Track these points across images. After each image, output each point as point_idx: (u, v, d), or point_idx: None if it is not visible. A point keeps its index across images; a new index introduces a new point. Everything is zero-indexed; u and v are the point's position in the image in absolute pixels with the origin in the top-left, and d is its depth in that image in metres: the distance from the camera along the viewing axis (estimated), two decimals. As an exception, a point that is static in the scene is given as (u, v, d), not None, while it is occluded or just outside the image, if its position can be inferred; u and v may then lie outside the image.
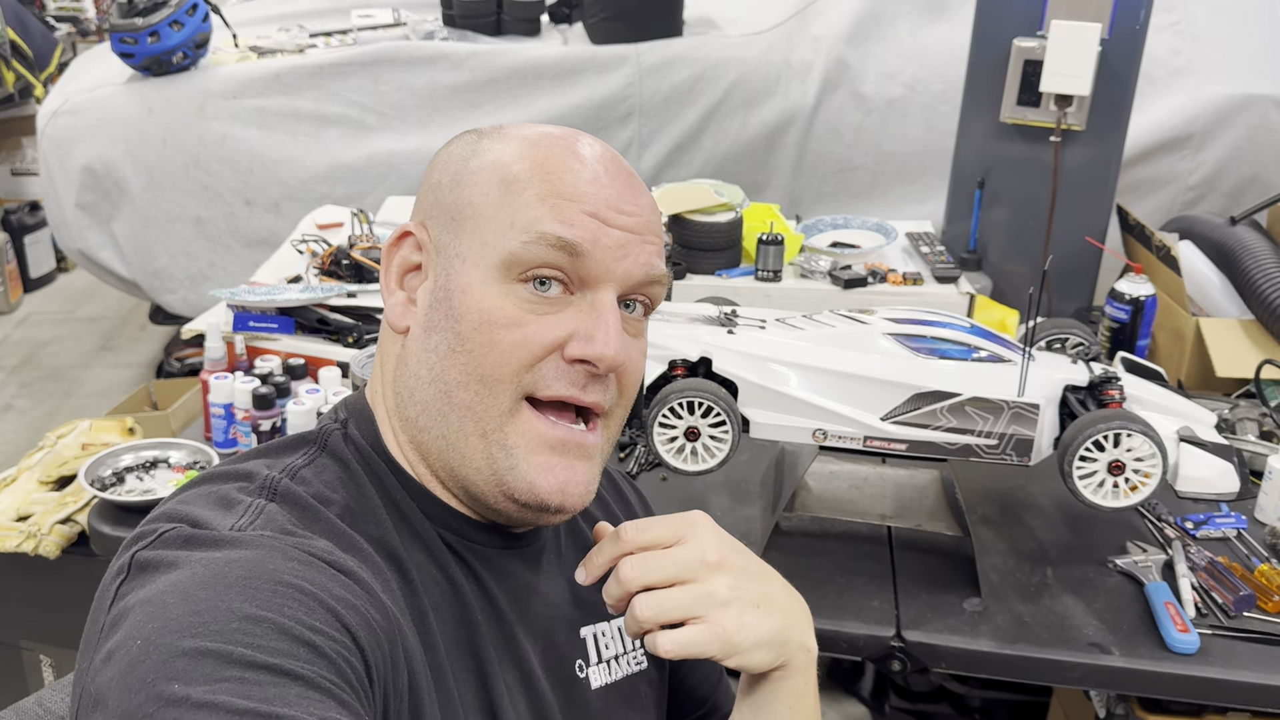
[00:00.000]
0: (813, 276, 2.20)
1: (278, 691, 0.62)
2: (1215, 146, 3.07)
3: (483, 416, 0.78)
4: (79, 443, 1.87)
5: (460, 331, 0.78)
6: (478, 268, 0.79)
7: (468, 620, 0.81)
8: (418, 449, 0.82)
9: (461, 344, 0.78)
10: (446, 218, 0.82)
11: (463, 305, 0.79)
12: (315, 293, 1.94)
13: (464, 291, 0.79)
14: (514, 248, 0.78)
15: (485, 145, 0.83)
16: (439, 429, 0.80)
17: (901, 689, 2.34)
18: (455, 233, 0.81)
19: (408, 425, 0.82)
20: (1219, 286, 2.21)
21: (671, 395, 1.39)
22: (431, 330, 0.80)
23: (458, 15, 3.34)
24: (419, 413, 0.81)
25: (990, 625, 1.44)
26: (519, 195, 0.79)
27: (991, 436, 1.40)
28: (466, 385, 0.78)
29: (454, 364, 0.79)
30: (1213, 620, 1.43)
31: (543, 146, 0.81)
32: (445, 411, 0.79)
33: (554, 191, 0.79)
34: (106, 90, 3.16)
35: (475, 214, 0.80)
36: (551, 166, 0.80)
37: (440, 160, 0.86)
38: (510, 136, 0.83)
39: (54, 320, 4.47)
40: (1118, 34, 2.16)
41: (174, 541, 0.71)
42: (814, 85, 3.18)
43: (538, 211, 0.78)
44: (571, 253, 0.78)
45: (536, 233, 0.77)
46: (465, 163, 0.83)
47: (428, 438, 0.81)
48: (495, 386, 0.78)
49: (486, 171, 0.81)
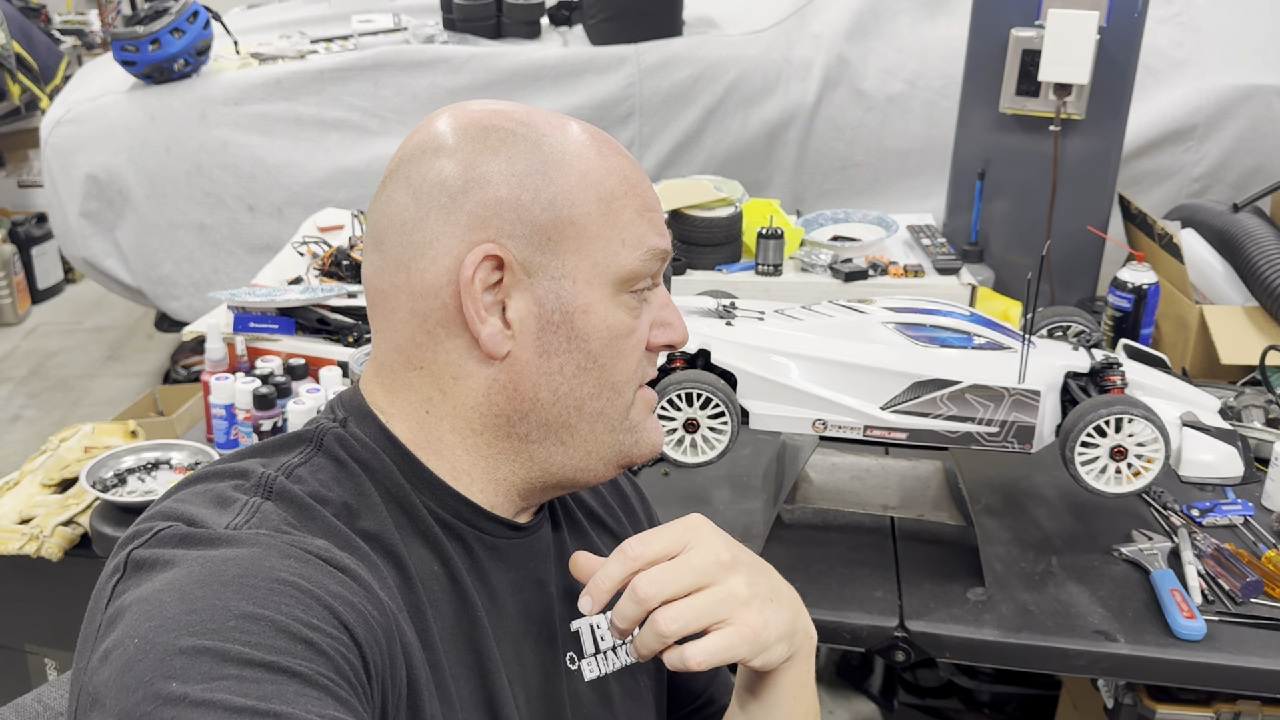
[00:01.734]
0: (813, 270, 2.20)
1: (275, 689, 0.61)
2: (1219, 138, 3.06)
3: (612, 416, 0.84)
4: (81, 446, 1.88)
5: (590, 350, 0.81)
6: (592, 286, 0.80)
7: (468, 615, 0.81)
8: (512, 458, 0.83)
9: (593, 361, 0.81)
10: (539, 237, 0.79)
11: (587, 325, 0.80)
12: (315, 293, 1.94)
13: (585, 312, 0.80)
14: (633, 265, 0.81)
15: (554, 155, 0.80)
16: (558, 438, 0.83)
17: (910, 685, 2.33)
18: (553, 253, 0.79)
19: (505, 441, 0.82)
20: (1222, 274, 2.20)
21: (670, 387, 1.39)
22: (550, 354, 0.80)
23: (458, 19, 3.35)
24: (532, 429, 0.82)
25: (994, 614, 1.43)
26: (620, 212, 0.81)
27: (992, 424, 1.39)
28: (599, 395, 0.82)
29: (586, 380, 0.81)
30: (1219, 607, 1.42)
31: (610, 156, 0.83)
32: (573, 423, 0.82)
33: (644, 205, 0.83)
34: (109, 99, 3.17)
35: (579, 233, 0.79)
36: (630, 178, 0.83)
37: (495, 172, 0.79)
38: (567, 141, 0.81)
39: (62, 331, 4.48)
40: (1115, 22, 2.15)
41: (170, 540, 0.71)
42: (814, 83, 3.18)
43: (641, 227, 0.82)
44: (665, 259, 0.84)
45: (648, 249, 0.82)
46: (544, 177, 0.79)
47: (538, 449, 0.83)
48: (623, 389, 0.84)
49: (579, 188, 0.80)
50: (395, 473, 0.81)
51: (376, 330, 0.84)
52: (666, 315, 0.86)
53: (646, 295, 0.85)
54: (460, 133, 0.81)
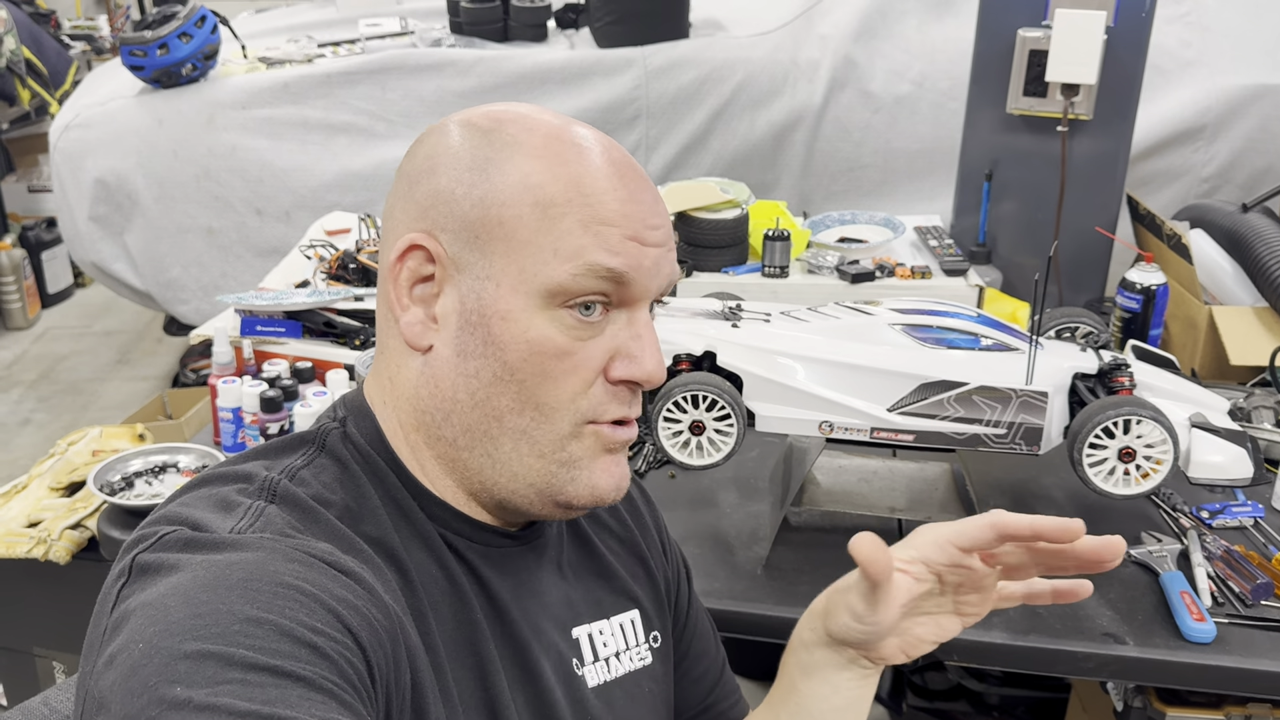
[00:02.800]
0: (820, 272, 2.19)
1: (280, 693, 0.62)
2: (1229, 138, 3.05)
3: (539, 440, 0.79)
4: (89, 449, 1.88)
5: (507, 361, 0.77)
6: (516, 294, 0.76)
7: (468, 619, 0.81)
8: (447, 464, 0.82)
9: (510, 373, 0.77)
10: (468, 233, 0.77)
11: (505, 333, 0.77)
12: (322, 296, 1.94)
13: (504, 319, 0.77)
14: (561, 279, 0.76)
15: (501, 152, 0.78)
16: (484, 449, 0.80)
17: (919, 688, 2.32)
18: (481, 252, 0.77)
19: (437, 442, 0.81)
20: (1231, 274, 2.19)
21: (675, 389, 1.38)
22: (467, 355, 0.78)
23: (465, 22, 3.35)
24: (457, 434, 0.80)
25: (1002, 617, 1.42)
26: (558, 221, 0.76)
27: (1000, 426, 1.38)
28: (520, 412, 0.78)
29: (503, 391, 0.78)
30: (1230, 609, 1.41)
31: (570, 161, 0.78)
32: (495, 435, 0.79)
33: (595, 217, 0.76)
34: (117, 103, 3.18)
35: (508, 235, 0.76)
36: (588, 187, 0.77)
37: (441, 161, 0.80)
38: (525, 142, 0.78)
39: (72, 335, 4.50)
40: (1123, 21, 2.15)
41: (174, 544, 0.71)
42: (821, 84, 3.18)
43: (582, 240, 0.76)
44: (618, 281, 0.77)
45: (584, 264, 0.76)
46: (483, 173, 0.78)
47: (468, 456, 0.80)
48: (553, 414, 0.78)
49: (515, 189, 0.77)
50: (391, 476, 0.82)
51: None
52: (634, 348, 0.79)
53: (606, 315, 0.79)
54: (438, 125, 0.83)
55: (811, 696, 0.91)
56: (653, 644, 0.96)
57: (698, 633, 1.06)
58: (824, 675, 0.91)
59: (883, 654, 0.89)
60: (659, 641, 0.96)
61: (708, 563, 1.52)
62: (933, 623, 0.89)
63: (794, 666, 0.93)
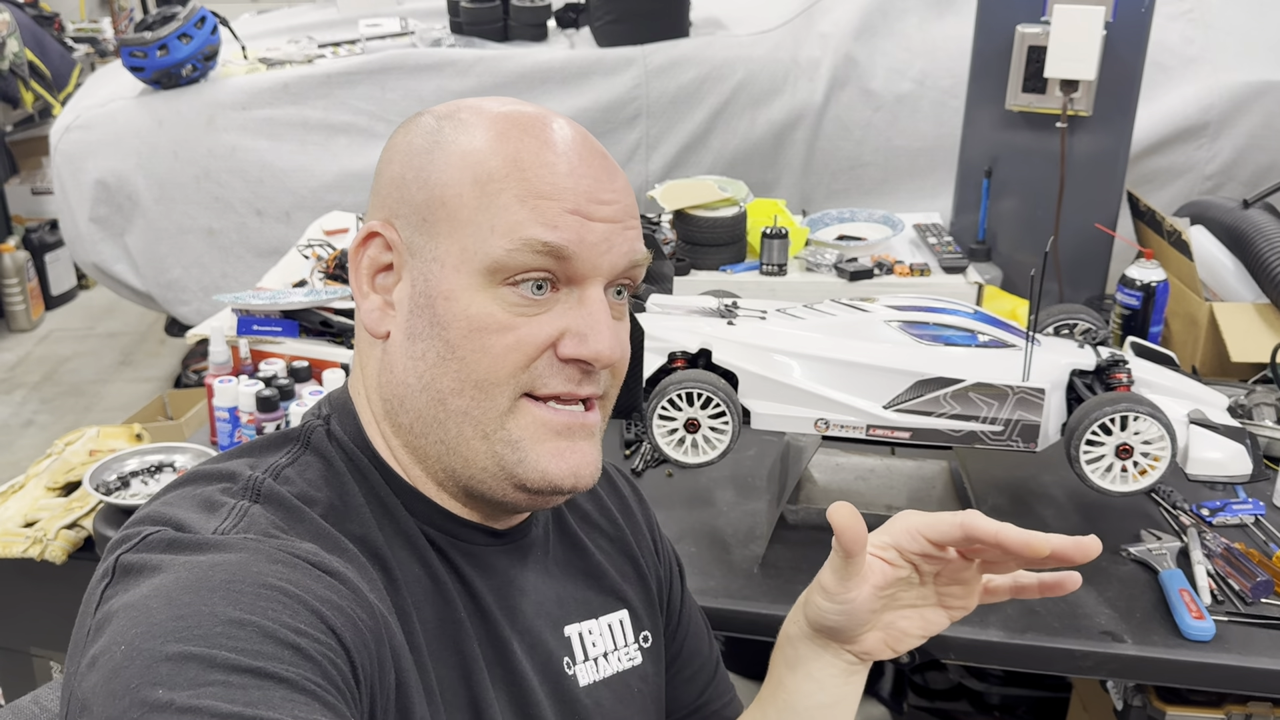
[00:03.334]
0: (818, 270, 2.19)
1: (262, 695, 0.61)
2: (1232, 135, 3.03)
3: (481, 420, 0.77)
4: (86, 449, 1.88)
5: (449, 339, 0.76)
6: (459, 273, 0.76)
7: (451, 618, 0.80)
8: (413, 453, 0.81)
9: (452, 352, 0.77)
10: (416, 217, 0.78)
11: (448, 313, 0.76)
12: (318, 296, 1.94)
13: (448, 299, 0.76)
14: (498, 254, 0.75)
15: (448, 135, 0.79)
16: (436, 435, 0.79)
17: (920, 687, 2.31)
18: (429, 234, 0.77)
19: (400, 431, 0.81)
20: (1232, 271, 2.18)
21: (670, 387, 1.38)
22: (416, 338, 0.78)
23: (464, 22, 3.35)
24: (413, 420, 0.79)
25: (1000, 615, 1.42)
26: (496, 197, 0.75)
27: (996, 423, 1.38)
28: (461, 392, 0.77)
29: (445, 371, 0.77)
30: (1229, 607, 1.40)
31: (512, 137, 0.77)
32: (441, 419, 0.78)
33: (533, 191, 0.75)
34: (118, 104, 3.19)
35: (450, 215, 0.76)
36: (526, 161, 0.76)
37: (398, 150, 0.81)
38: (473, 123, 0.79)
39: (75, 337, 4.51)
40: (1122, 17, 2.14)
41: (158, 545, 0.71)
42: (822, 82, 3.17)
43: (519, 214, 0.75)
44: (558, 256, 0.76)
45: (520, 239, 0.75)
46: (429, 155, 0.79)
47: (425, 443, 0.80)
48: (491, 390, 0.77)
49: (456, 168, 0.77)
50: (375, 473, 0.81)
51: None
52: (583, 325, 0.77)
53: (554, 293, 0.77)
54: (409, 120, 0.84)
55: (797, 693, 0.91)
56: (643, 644, 0.95)
57: (690, 632, 1.05)
58: (808, 670, 0.90)
59: (865, 647, 0.88)
60: (649, 642, 0.96)
61: (704, 561, 1.52)
62: (917, 616, 0.88)
63: (780, 662, 0.93)
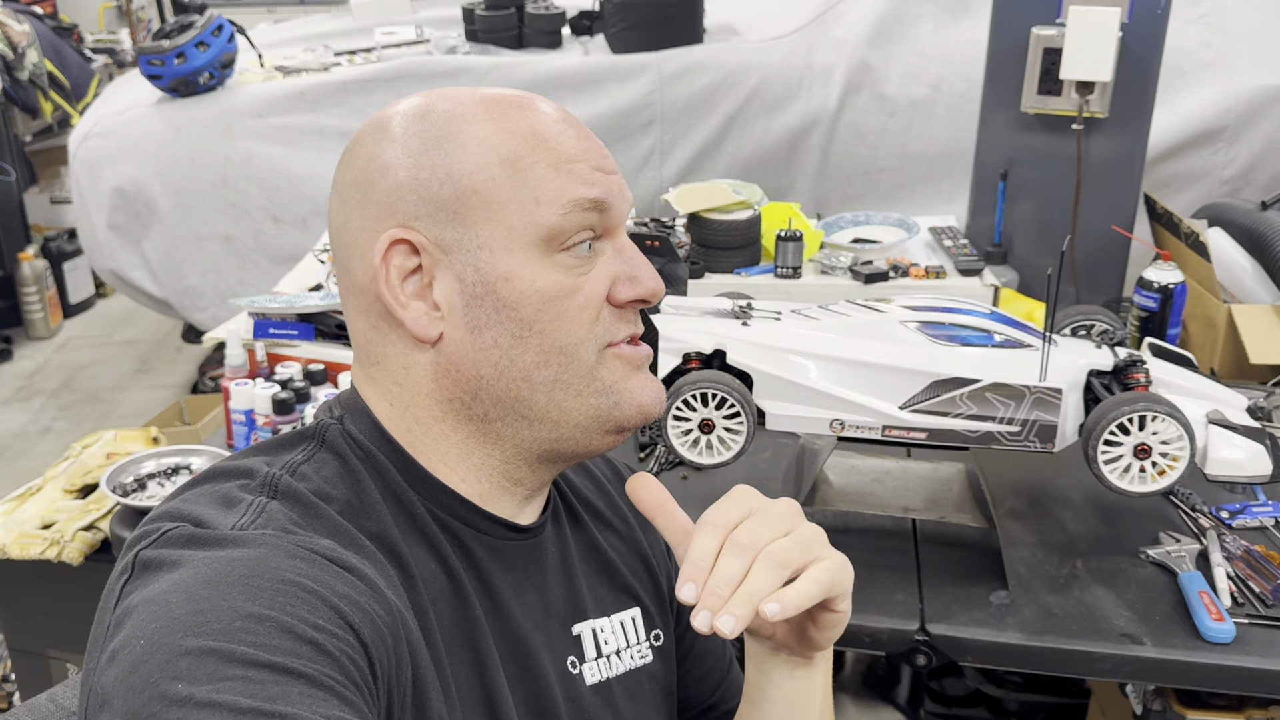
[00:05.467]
0: (833, 273, 2.18)
1: (281, 690, 0.61)
2: (1249, 139, 3.02)
3: (570, 381, 0.80)
4: (103, 452, 1.89)
5: (522, 318, 0.78)
6: (511, 252, 0.77)
7: (467, 615, 0.80)
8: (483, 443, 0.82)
9: (528, 329, 0.78)
10: (445, 213, 0.78)
11: (512, 293, 0.77)
12: (334, 299, 1.95)
13: (508, 280, 0.77)
14: (553, 221, 0.78)
15: (449, 128, 0.79)
16: (518, 412, 0.80)
17: (936, 694, 2.30)
18: (463, 225, 0.78)
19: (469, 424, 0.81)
20: (1251, 273, 2.16)
21: (685, 387, 1.38)
22: (480, 329, 0.78)
23: (480, 30, 3.36)
24: (489, 408, 0.80)
25: (1018, 618, 1.41)
26: (529, 171, 0.78)
27: (1014, 423, 1.37)
28: (546, 363, 0.79)
29: (525, 350, 0.79)
30: (1249, 609, 1.39)
31: (515, 115, 0.80)
32: (527, 396, 0.80)
33: (562, 157, 0.79)
34: (136, 112, 3.21)
35: (485, 201, 0.77)
36: (543, 133, 0.79)
37: (389, 158, 0.79)
38: (466, 113, 0.79)
39: (92, 344, 4.54)
40: (1138, 18, 2.13)
41: (176, 541, 0.71)
42: (836, 88, 3.17)
43: (558, 181, 0.78)
44: (600, 209, 0.79)
45: (569, 201, 0.78)
46: (440, 152, 0.78)
47: (502, 427, 0.81)
48: (575, 351, 0.80)
49: (477, 155, 0.78)
50: (392, 470, 0.81)
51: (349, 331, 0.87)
52: (631, 268, 0.82)
53: (594, 249, 0.81)
54: (365, 130, 0.83)
55: (752, 686, 0.90)
56: (654, 642, 0.95)
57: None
58: (756, 663, 0.90)
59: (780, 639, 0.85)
60: (660, 640, 0.95)
61: (719, 563, 1.51)
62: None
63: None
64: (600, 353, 0.81)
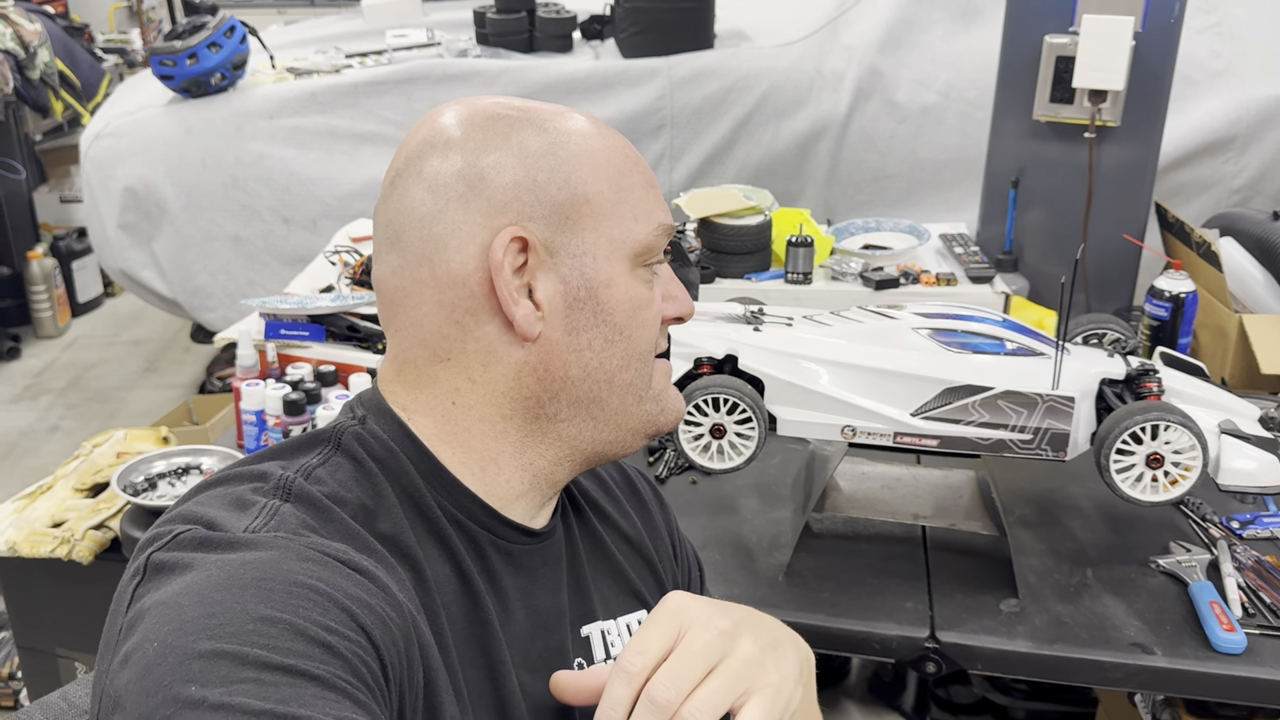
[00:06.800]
0: (844, 279, 2.18)
1: (294, 692, 0.61)
2: (1260, 149, 3.01)
3: (638, 386, 0.86)
4: (114, 451, 1.89)
5: (616, 323, 0.83)
6: (611, 262, 0.82)
7: (479, 618, 0.80)
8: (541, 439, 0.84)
9: (620, 333, 0.83)
10: (558, 216, 0.80)
11: (611, 299, 0.82)
12: (345, 301, 1.95)
13: (608, 286, 0.82)
14: (646, 240, 0.84)
15: (560, 138, 0.82)
16: (588, 413, 0.84)
17: (943, 701, 2.29)
18: (571, 231, 0.80)
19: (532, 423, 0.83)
20: (1262, 283, 2.16)
21: (696, 392, 1.38)
22: (579, 330, 0.81)
23: (491, 33, 3.37)
24: (561, 408, 0.83)
25: (1028, 626, 1.40)
26: (630, 190, 0.83)
27: (1025, 431, 1.37)
28: (627, 367, 0.84)
29: (614, 353, 0.83)
30: (1260, 620, 1.39)
31: (610, 137, 0.85)
32: (604, 396, 0.84)
33: (648, 181, 0.86)
34: (147, 113, 3.22)
35: (594, 211, 0.81)
36: (632, 156, 0.86)
37: (508, 155, 0.80)
38: (567, 127, 0.84)
39: (101, 343, 4.54)
40: (1151, 27, 2.13)
41: (189, 543, 0.71)
42: (846, 94, 3.17)
43: (649, 203, 0.85)
44: (669, 235, 0.87)
45: (658, 223, 0.85)
46: (559, 159, 0.81)
47: (565, 427, 0.84)
48: (646, 358, 0.86)
49: (589, 167, 0.82)
50: (412, 472, 0.81)
51: (397, 329, 0.83)
52: (673, 289, 0.89)
53: (656, 269, 0.87)
54: (466, 124, 0.82)
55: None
56: None
57: None
58: None
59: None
60: None
61: (729, 568, 1.51)
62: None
63: None
64: (652, 364, 0.88)
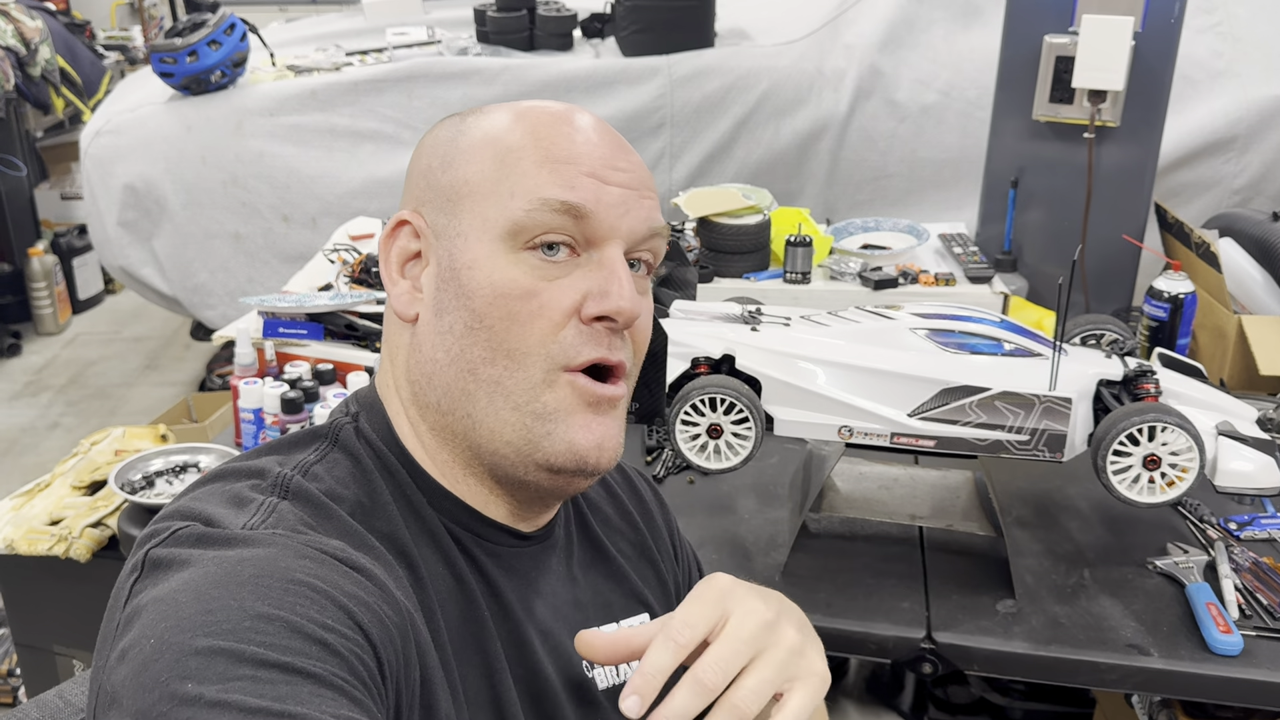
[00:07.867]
0: (842, 279, 2.18)
1: (290, 690, 0.61)
2: (1260, 149, 3.01)
3: (513, 390, 0.78)
4: (112, 449, 1.89)
5: (474, 308, 0.77)
6: (481, 242, 0.78)
7: (474, 617, 0.80)
8: (439, 435, 0.82)
9: (479, 320, 0.77)
10: (442, 200, 0.81)
11: (472, 281, 0.77)
12: (344, 299, 1.95)
13: (471, 267, 0.78)
14: (518, 216, 0.77)
15: (471, 122, 0.83)
16: (464, 408, 0.79)
17: (941, 701, 2.29)
18: (452, 213, 0.80)
19: (428, 412, 0.81)
20: (1261, 284, 2.16)
21: (693, 392, 1.38)
22: (443, 312, 0.79)
23: (491, 31, 3.37)
24: (439, 396, 0.80)
25: (1024, 627, 1.40)
26: (515, 165, 0.78)
27: (1023, 432, 1.37)
28: (493, 361, 0.77)
29: (474, 341, 0.78)
30: (1257, 622, 1.39)
31: (532, 116, 0.81)
32: (471, 390, 0.78)
33: (550, 156, 0.78)
34: (147, 110, 3.22)
35: (472, 191, 0.79)
36: (544, 132, 0.79)
37: (425, 146, 0.85)
38: (497, 111, 0.83)
39: (101, 340, 4.55)
40: (1151, 27, 2.13)
41: (187, 540, 0.71)
42: (847, 93, 3.17)
43: (537, 178, 0.77)
44: (576, 215, 0.77)
45: (539, 199, 0.77)
46: (454, 142, 0.82)
47: (451, 420, 0.80)
48: (523, 359, 0.77)
49: (478, 147, 0.80)
50: (403, 471, 0.82)
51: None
52: (603, 283, 0.78)
53: (572, 260, 0.78)
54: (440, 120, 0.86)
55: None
56: None
57: None
58: None
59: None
60: None
61: (726, 568, 1.50)
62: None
63: None
64: (552, 372, 0.78)
